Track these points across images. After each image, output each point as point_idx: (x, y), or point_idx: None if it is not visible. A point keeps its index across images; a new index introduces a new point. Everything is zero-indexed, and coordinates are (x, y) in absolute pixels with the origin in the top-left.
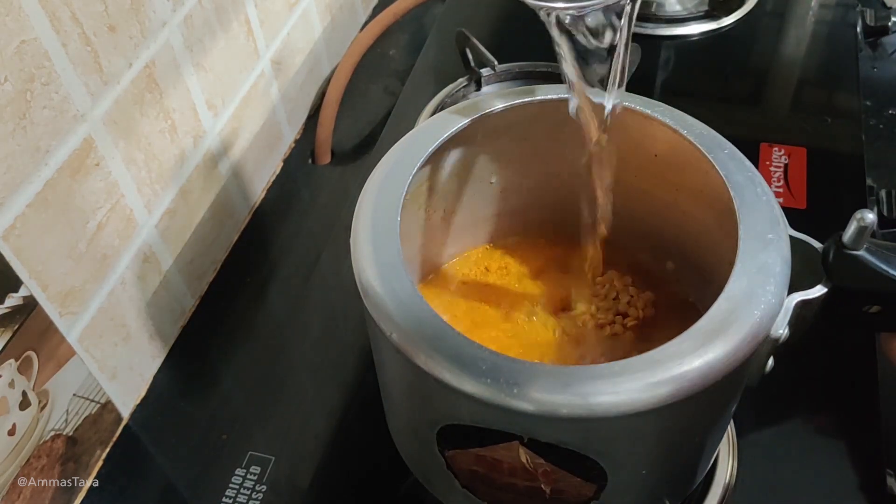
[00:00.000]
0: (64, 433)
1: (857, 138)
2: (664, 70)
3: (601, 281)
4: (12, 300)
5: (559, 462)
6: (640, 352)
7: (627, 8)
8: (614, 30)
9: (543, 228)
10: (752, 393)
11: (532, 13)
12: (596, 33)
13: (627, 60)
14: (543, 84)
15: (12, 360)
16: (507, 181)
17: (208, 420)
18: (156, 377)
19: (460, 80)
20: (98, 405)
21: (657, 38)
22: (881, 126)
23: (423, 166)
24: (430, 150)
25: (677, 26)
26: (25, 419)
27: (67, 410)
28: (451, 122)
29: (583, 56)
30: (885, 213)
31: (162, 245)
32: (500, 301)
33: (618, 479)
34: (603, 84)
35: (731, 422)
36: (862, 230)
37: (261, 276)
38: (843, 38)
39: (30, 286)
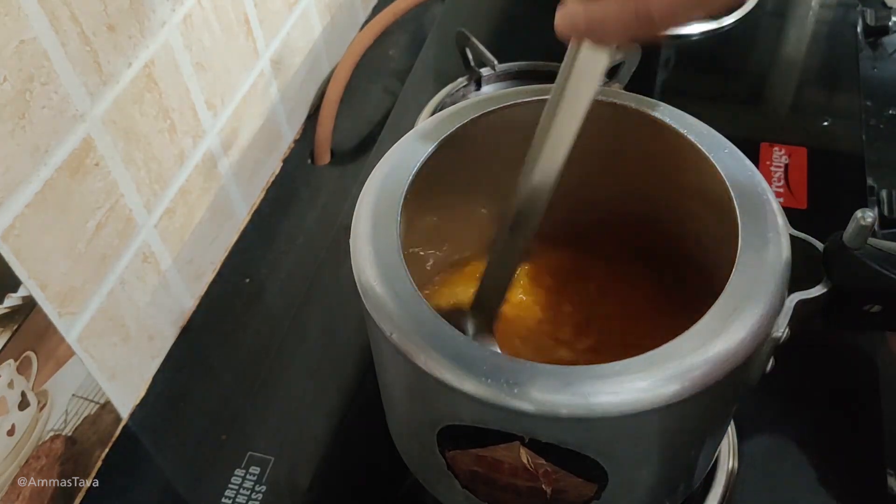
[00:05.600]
0: (63, 433)
1: (857, 138)
2: (664, 70)
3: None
4: (11, 300)
5: (560, 462)
6: (640, 351)
7: None
8: None
9: (543, 228)
10: (752, 393)
11: (531, 12)
12: None
13: None
14: (543, 84)
15: (11, 361)
16: (506, 180)
17: (208, 420)
18: (155, 377)
19: (460, 80)
20: (97, 405)
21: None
22: (881, 126)
23: (423, 166)
24: (430, 150)
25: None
26: (24, 419)
27: (67, 411)
28: (451, 122)
29: None
30: (885, 213)
31: (161, 245)
32: None
33: (618, 479)
34: None
35: (731, 422)
36: (862, 229)
37: (260, 276)
38: (844, 38)
39: (29, 286)
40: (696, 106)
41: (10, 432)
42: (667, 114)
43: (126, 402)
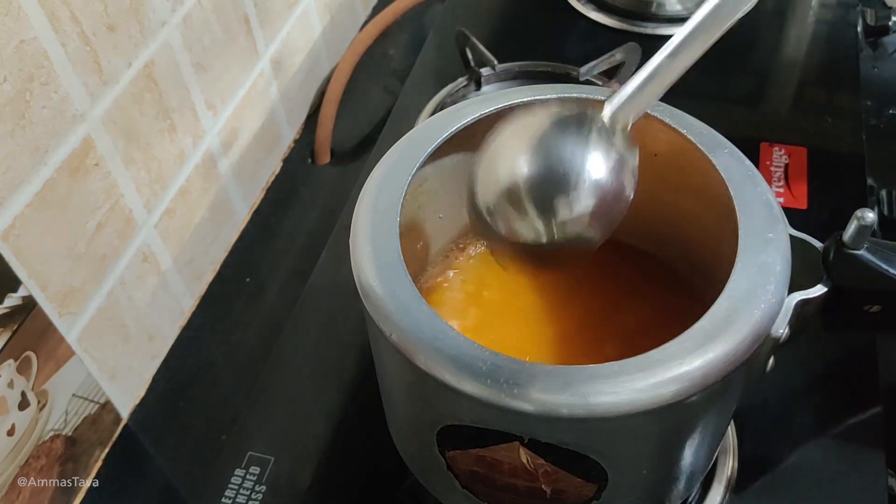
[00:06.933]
0: (63, 433)
1: (857, 138)
2: None
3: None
4: (11, 300)
5: (560, 462)
6: (640, 351)
7: None
8: None
9: None
10: (752, 393)
11: (531, 12)
12: None
13: None
14: (543, 84)
15: (11, 361)
16: None
17: (208, 420)
18: (155, 377)
19: (460, 79)
20: (97, 405)
21: (657, 37)
22: (881, 126)
23: (423, 166)
24: (430, 150)
25: (677, 26)
26: (24, 419)
27: (66, 411)
28: (451, 121)
29: None
30: (885, 213)
31: (161, 245)
32: (501, 301)
33: (618, 479)
34: None
35: (731, 422)
36: (862, 229)
37: (260, 276)
38: (844, 37)
39: (29, 286)
40: (696, 106)
41: (10, 432)
42: (667, 114)
43: (126, 401)
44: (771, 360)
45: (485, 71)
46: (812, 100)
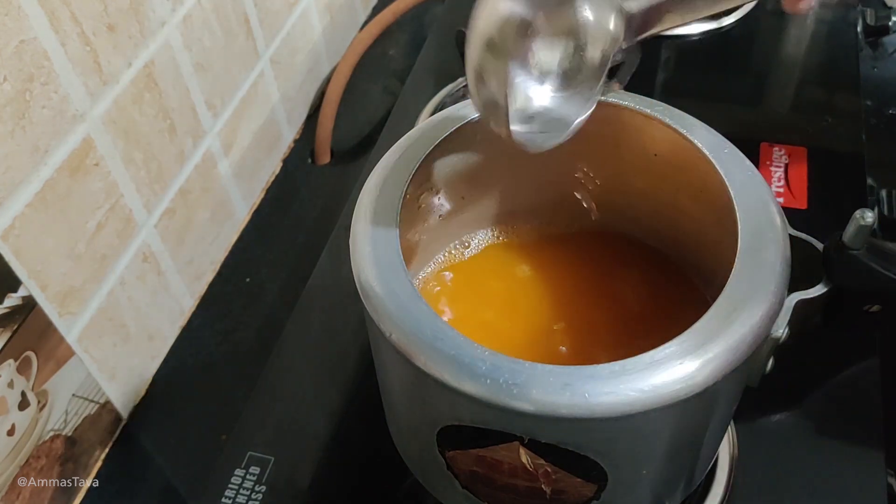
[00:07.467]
0: (63, 433)
1: (857, 138)
2: (664, 70)
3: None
4: (11, 300)
5: (559, 462)
6: (640, 351)
7: None
8: None
9: (544, 228)
10: (752, 393)
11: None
12: None
13: None
14: None
15: (11, 361)
16: (506, 181)
17: (208, 420)
18: (155, 377)
19: (460, 79)
20: (97, 405)
21: (657, 37)
22: (881, 126)
23: (422, 166)
24: (429, 150)
25: (677, 26)
26: (24, 419)
27: (66, 411)
28: (451, 121)
29: None
30: (885, 213)
31: (161, 245)
32: (501, 301)
33: (618, 479)
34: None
35: (731, 422)
36: (862, 229)
37: (260, 276)
38: (844, 37)
39: (29, 286)
40: (696, 106)
41: (10, 432)
42: (667, 114)
43: (126, 401)
44: (771, 361)
45: None
46: (812, 100)
